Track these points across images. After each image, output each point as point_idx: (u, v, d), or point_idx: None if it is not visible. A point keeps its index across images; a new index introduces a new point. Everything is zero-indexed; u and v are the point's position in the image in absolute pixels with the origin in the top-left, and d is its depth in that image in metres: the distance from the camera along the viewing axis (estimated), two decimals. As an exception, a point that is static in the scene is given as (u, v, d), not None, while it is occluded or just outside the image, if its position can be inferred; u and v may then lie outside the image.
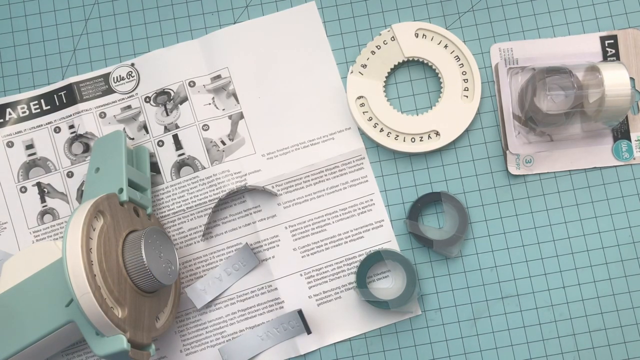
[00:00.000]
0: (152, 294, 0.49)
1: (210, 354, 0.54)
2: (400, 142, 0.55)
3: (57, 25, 0.58)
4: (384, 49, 0.56)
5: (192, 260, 0.55)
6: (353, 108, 0.55)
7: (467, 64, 0.55)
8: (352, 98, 0.55)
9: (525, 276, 0.54)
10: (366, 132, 0.55)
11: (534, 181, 0.55)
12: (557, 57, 0.55)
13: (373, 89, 0.56)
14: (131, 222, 0.50)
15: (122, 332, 0.44)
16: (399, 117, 0.55)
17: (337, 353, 0.54)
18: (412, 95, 0.56)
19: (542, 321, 0.54)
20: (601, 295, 0.54)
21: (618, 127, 0.55)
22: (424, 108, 0.56)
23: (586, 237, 0.54)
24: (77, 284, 0.43)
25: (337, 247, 0.55)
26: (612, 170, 0.55)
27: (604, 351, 0.53)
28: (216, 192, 0.55)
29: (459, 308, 0.54)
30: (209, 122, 0.56)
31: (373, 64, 0.56)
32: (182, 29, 0.58)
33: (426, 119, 0.55)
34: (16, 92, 0.58)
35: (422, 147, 0.55)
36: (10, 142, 0.57)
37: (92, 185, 0.52)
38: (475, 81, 0.55)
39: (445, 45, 0.56)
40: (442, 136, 0.55)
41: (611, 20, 0.56)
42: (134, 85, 0.57)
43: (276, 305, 0.54)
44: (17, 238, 0.56)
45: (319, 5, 0.58)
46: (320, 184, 0.55)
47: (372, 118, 0.55)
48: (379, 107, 0.55)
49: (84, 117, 0.57)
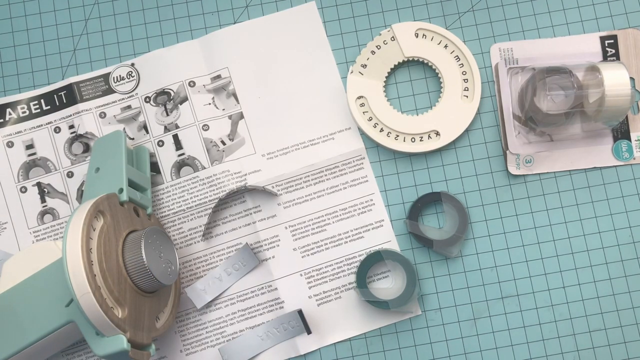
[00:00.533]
0: (152, 294, 0.49)
1: (210, 354, 0.54)
2: (400, 142, 0.55)
3: (57, 25, 0.58)
4: (384, 49, 0.56)
5: (192, 260, 0.55)
6: (353, 108, 0.55)
7: (467, 64, 0.55)
8: (352, 98, 0.55)
9: (525, 276, 0.54)
10: (366, 132, 0.55)
11: (534, 181, 0.55)
12: (557, 57, 0.55)
13: (373, 89, 0.56)
14: (131, 222, 0.50)
15: (122, 332, 0.44)
16: (399, 117, 0.55)
17: (337, 353, 0.54)
18: (412, 95, 0.56)
19: (542, 321, 0.54)
20: (601, 295, 0.54)
21: (618, 127, 0.55)
22: (424, 108, 0.56)
23: (586, 237, 0.54)
24: (77, 284, 0.43)
25: (337, 247, 0.55)
26: (612, 170, 0.55)
27: (604, 351, 0.53)
28: (216, 192, 0.55)
29: (459, 308, 0.54)
30: (209, 122, 0.56)
31: (373, 64, 0.56)
32: (182, 29, 0.58)
33: (426, 119, 0.55)
34: (16, 92, 0.58)
35: (422, 147, 0.55)
36: (10, 142, 0.57)
37: (92, 185, 0.52)
38: (475, 81, 0.55)
39: (445, 45, 0.56)
40: (442, 136, 0.55)
41: (611, 20, 0.56)
42: (134, 85, 0.57)
43: (276, 305, 0.54)
44: (17, 238, 0.56)
45: (319, 5, 0.58)
46: (320, 184, 0.55)
47: (372, 118, 0.55)
48: (379, 107, 0.55)
49: (84, 117, 0.57)
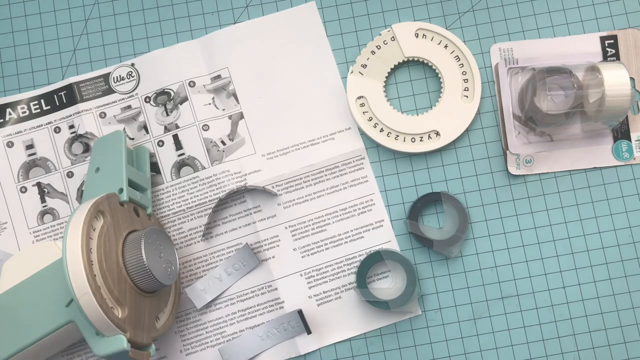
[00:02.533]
0: (152, 294, 0.49)
1: (210, 354, 0.54)
2: (400, 142, 0.55)
3: (57, 25, 0.58)
4: (384, 49, 0.56)
5: (192, 260, 0.55)
6: (353, 108, 0.55)
7: (467, 64, 0.55)
8: (352, 98, 0.55)
9: (525, 276, 0.54)
10: (366, 132, 0.55)
11: (534, 181, 0.55)
12: (557, 57, 0.55)
13: (373, 89, 0.56)
14: (131, 222, 0.50)
15: (122, 332, 0.44)
16: (399, 117, 0.55)
17: (337, 353, 0.54)
18: (412, 95, 0.56)
19: (542, 321, 0.54)
20: (601, 295, 0.54)
21: (618, 127, 0.55)
22: (424, 108, 0.56)
23: (586, 237, 0.54)
24: (77, 284, 0.43)
25: (337, 247, 0.55)
26: (612, 170, 0.55)
27: (604, 351, 0.53)
28: (216, 192, 0.55)
29: (459, 308, 0.54)
30: (209, 122, 0.56)
31: (373, 64, 0.56)
32: (182, 29, 0.58)
33: (426, 119, 0.55)
34: (16, 92, 0.58)
35: (422, 147, 0.55)
36: (10, 142, 0.57)
37: (92, 185, 0.52)
38: (475, 81, 0.55)
39: (445, 45, 0.56)
40: (442, 136, 0.55)
41: (611, 20, 0.56)
42: (134, 85, 0.57)
43: (276, 306, 0.54)
44: (17, 238, 0.56)
45: (319, 5, 0.58)
46: (320, 184, 0.55)
47: (372, 118, 0.55)
48: (379, 107, 0.55)
49: (84, 117, 0.57)
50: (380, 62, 0.56)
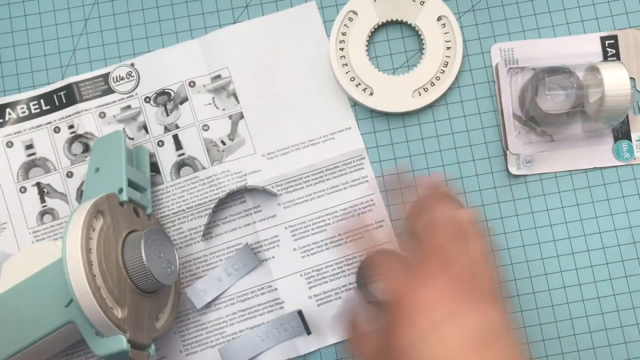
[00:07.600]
0: (152, 294, 0.49)
1: (210, 354, 0.54)
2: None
3: (57, 25, 0.58)
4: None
5: (192, 260, 0.55)
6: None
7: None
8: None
9: (525, 276, 0.54)
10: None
11: (534, 181, 0.55)
12: (557, 57, 0.55)
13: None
14: (131, 222, 0.50)
15: (122, 333, 0.44)
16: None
17: (337, 353, 0.54)
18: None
19: (542, 321, 0.53)
20: (602, 295, 0.54)
21: (619, 127, 0.55)
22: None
23: (587, 237, 0.54)
24: (77, 284, 0.43)
25: (337, 247, 0.55)
26: (613, 171, 0.55)
27: (604, 351, 0.53)
28: (216, 192, 0.55)
29: (459, 308, 0.54)
30: (209, 122, 0.56)
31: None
32: (182, 29, 0.58)
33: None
34: (16, 92, 0.58)
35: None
36: (9, 142, 0.57)
37: (92, 185, 0.52)
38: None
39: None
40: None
41: (611, 20, 0.56)
42: (133, 85, 0.57)
43: (276, 306, 0.54)
44: (17, 238, 0.56)
45: (319, 5, 0.58)
46: (320, 184, 0.55)
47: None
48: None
49: (83, 117, 0.57)
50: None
